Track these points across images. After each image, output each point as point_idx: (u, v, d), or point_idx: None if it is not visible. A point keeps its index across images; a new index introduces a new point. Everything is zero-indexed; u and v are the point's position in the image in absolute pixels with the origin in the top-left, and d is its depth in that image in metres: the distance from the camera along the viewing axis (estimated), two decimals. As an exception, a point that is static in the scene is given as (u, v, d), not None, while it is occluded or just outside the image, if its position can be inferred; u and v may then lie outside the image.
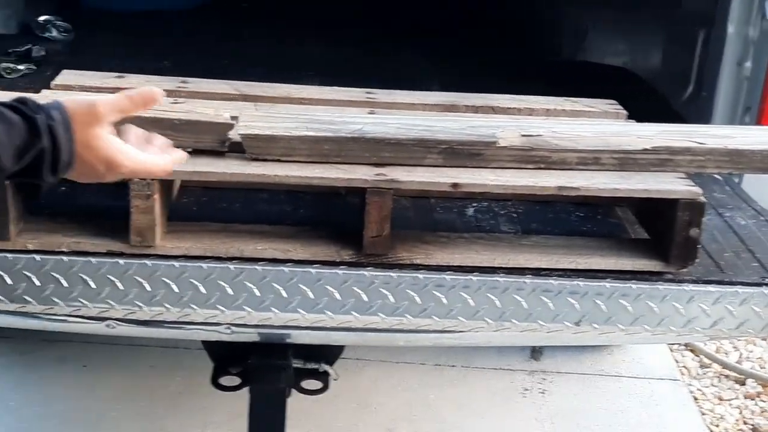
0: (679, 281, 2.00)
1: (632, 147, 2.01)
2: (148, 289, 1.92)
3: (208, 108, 2.06)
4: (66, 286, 1.90)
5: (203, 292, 1.93)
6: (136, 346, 3.32)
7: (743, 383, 3.56)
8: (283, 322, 1.96)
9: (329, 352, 2.33)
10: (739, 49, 2.62)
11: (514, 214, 2.25)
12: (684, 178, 2.03)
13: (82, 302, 1.92)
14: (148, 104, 1.47)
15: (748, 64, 2.61)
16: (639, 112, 2.43)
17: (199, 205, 2.17)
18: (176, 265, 1.92)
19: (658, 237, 2.07)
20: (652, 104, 2.92)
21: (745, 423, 3.34)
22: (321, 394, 2.36)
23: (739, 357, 3.72)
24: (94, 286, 1.91)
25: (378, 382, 3.32)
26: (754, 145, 2.01)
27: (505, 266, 1.99)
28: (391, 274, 1.94)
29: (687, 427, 3.27)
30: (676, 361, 3.64)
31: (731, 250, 2.16)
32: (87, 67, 2.49)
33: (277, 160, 1.95)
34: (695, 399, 3.43)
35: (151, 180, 1.86)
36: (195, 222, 2.05)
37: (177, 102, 2.18)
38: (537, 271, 1.99)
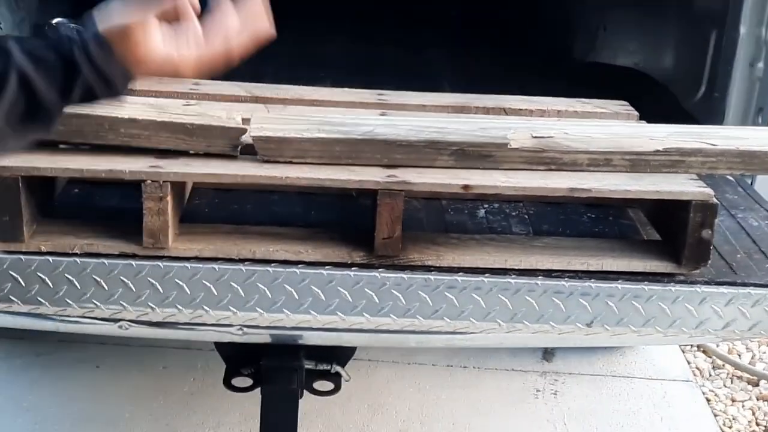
0: (692, 282, 2.00)
1: (644, 148, 2.01)
2: (161, 291, 1.93)
3: (220, 110, 2.07)
4: (79, 287, 1.91)
5: (215, 293, 1.93)
6: (149, 347, 3.34)
7: (756, 384, 3.54)
8: (295, 324, 1.97)
9: (341, 354, 2.33)
10: (752, 50, 2.61)
11: (526, 216, 2.25)
12: (696, 179, 2.02)
13: (95, 304, 1.93)
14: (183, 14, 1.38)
15: (760, 65, 2.60)
16: (651, 114, 2.43)
17: (211, 206, 2.18)
18: (188, 266, 1.93)
19: (670, 238, 2.07)
20: (664, 105, 2.91)
21: (758, 424, 3.33)
22: (333, 395, 2.37)
23: (752, 358, 3.71)
24: (106, 288, 1.92)
25: (390, 383, 3.32)
26: (767, 147, 2.00)
27: (516, 268, 1.99)
28: (403, 276, 1.95)
29: (699, 428, 3.26)
30: (689, 363, 3.63)
31: (744, 251, 2.15)
32: (100, 69, 2.49)
33: (289, 162, 1.96)
34: (708, 400, 3.41)
35: (163, 182, 1.87)
36: (207, 224, 2.05)
37: (189, 104, 2.18)
38: (549, 273, 1.99)
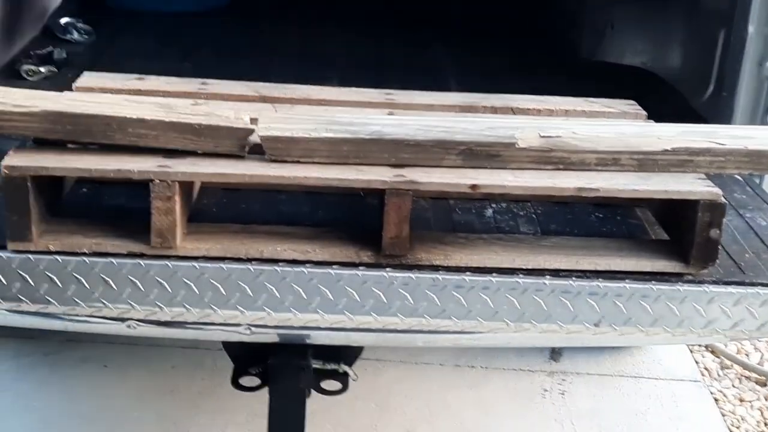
0: (700, 282, 2.00)
1: (652, 148, 2.01)
2: (169, 290, 1.93)
3: (228, 110, 2.07)
4: (87, 287, 1.92)
5: (223, 292, 1.94)
6: (156, 347, 3.34)
7: (765, 384, 3.54)
8: (303, 323, 1.97)
9: (348, 353, 2.33)
10: (760, 49, 2.61)
11: (534, 215, 2.24)
12: (704, 179, 2.02)
13: (104, 303, 1.93)
14: None
15: (768, 64, 2.60)
16: (659, 113, 2.43)
17: (219, 206, 2.19)
18: (196, 266, 1.93)
19: (678, 238, 2.07)
20: (672, 105, 2.91)
21: (766, 425, 3.32)
22: (340, 395, 2.37)
23: (761, 358, 3.70)
24: (115, 287, 1.92)
25: (397, 383, 3.33)
26: (775, 146, 2.00)
27: (524, 267, 1.99)
28: (411, 275, 1.95)
29: (707, 428, 3.26)
30: (697, 363, 3.62)
31: (752, 250, 2.15)
32: (108, 69, 2.50)
33: (297, 162, 1.96)
34: (716, 400, 3.41)
35: (172, 182, 1.87)
36: (215, 223, 2.06)
37: (197, 104, 2.19)
38: (556, 272, 1.99)
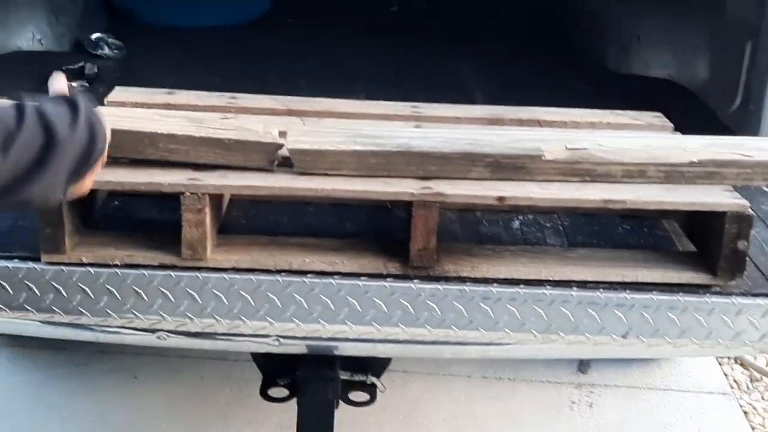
0: (727, 294, 1.99)
1: (678, 160, 2.01)
2: (199, 302, 1.95)
3: (257, 124, 2.09)
4: (119, 298, 1.95)
5: (252, 304, 1.96)
6: (185, 358, 3.37)
7: (795, 397, 3.52)
8: (331, 334, 1.99)
9: (376, 364, 2.34)
10: (787, 61, 2.60)
11: (560, 227, 2.25)
12: (731, 190, 2.02)
13: (135, 314, 1.96)
14: None
15: (796, 76, 2.59)
16: (686, 125, 2.43)
17: (248, 218, 2.21)
18: (226, 277, 1.95)
19: (706, 249, 2.06)
20: (699, 117, 2.90)
21: (796, 437, 3.30)
22: (368, 406, 2.38)
23: (790, 371, 3.68)
24: (146, 299, 1.95)
25: (425, 395, 3.33)
26: (803, 157, 2.00)
27: (551, 279, 2.00)
28: (438, 287, 1.96)
29: (737, 441, 3.24)
30: (726, 375, 3.60)
31: (780, 262, 2.14)
32: (139, 83, 2.53)
33: (325, 174, 1.98)
34: (745, 413, 3.39)
35: (202, 194, 1.90)
36: (244, 235, 2.08)
37: (226, 118, 2.21)
38: (583, 284, 1.99)
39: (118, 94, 2.42)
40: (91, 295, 1.94)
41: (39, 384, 3.29)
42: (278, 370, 2.33)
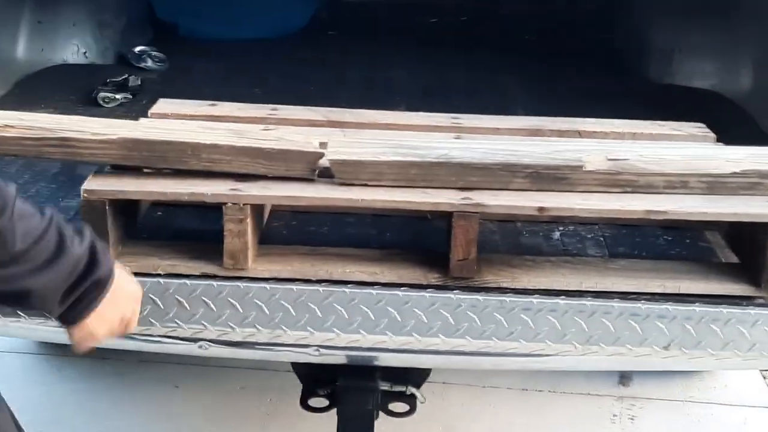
0: (771, 306, 1.97)
1: (721, 170, 2.00)
2: (241, 311, 1.97)
3: (298, 135, 2.11)
4: (162, 307, 1.97)
5: (293, 313, 1.97)
6: (226, 368, 3.39)
7: (840, 412, 3.46)
8: (371, 344, 1.99)
9: (416, 375, 2.34)
10: (832, 71, 2.57)
11: (601, 238, 2.24)
12: (775, 201, 2.00)
13: (177, 323, 1.98)
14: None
15: (840, 86, 2.56)
16: (728, 136, 2.41)
17: (289, 228, 2.22)
18: (267, 287, 1.97)
19: (749, 261, 2.04)
20: (742, 127, 2.88)
21: (841, 453, 3.25)
22: (408, 417, 2.38)
23: (836, 385, 3.62)
24: (188, 308, 1.97)
25: (464, 406, 3.32)
26: None
27: (592, 290, 1.99)
28: (478, 297, 1.96)
29: (781, 456, 3.20)
30: (770, 388, 3.56)
31: (825, 274, 2.11)
32: (181, 95, 2.57)
33: (365, 185, 1.99)
34: (789, 427, 3.35)
35: (244, 205, 1.92)
36: (285, 245, 2.09)
37: (268, 129, 2.23)
38: (625, 295, 1.98)
39: (162, 106, 2.45)
40: (135, 305, 1.96)
41: (83, 393, 3.32)
42: (318, 380, 2.34)
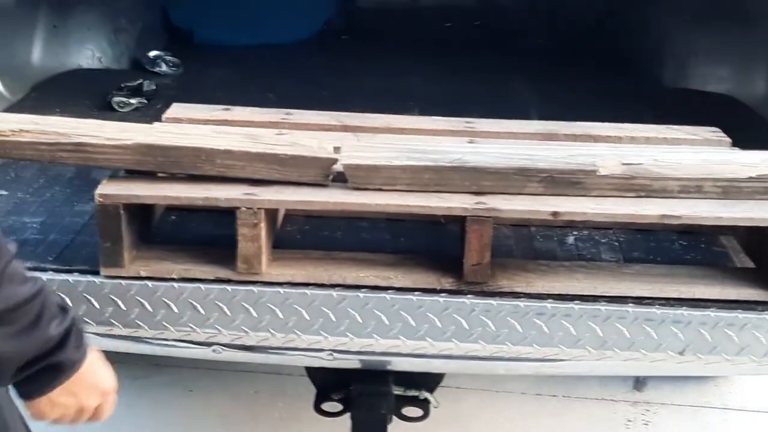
0: (787, 311, 1.96)
1: (736, 175, 1.99)
2: (255, 315, 1.97)
3: (311, 139, 2.11)
4: (176, 311, 1.97)
5: (307, 318, 1.97)
6: (239, 372, 3.39)
7: None
8: (385, 349, 1.99)
9: (430, 380, 2.34)
10: None
11: (616, 243, 2.23)
12: (791, 205, 1.99)
13: (191, 327, 1.98)
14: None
15: None
16: (744, 140, 2.39)
17: (303, 233, 2.22)
18: (281, 291, 1.97)
19: (764, 265, 2.03)
20: (757, 131, 2.86)
21: None
22: (421, 422, 2.38)
23: None
24: (202, 312, 1.97)
25: (478, 411, 3.31)
26: None
27: (606, 294, 1.98)
28: (492, 302, 1.96)
29: (798, 462, 3.18)
30: (786, 394, 3.54)
31: (841, 279, 2.10)
32: (195, 100, 2.57)
33: (379, 189, 1.99)
34: (807, 434, 3.33)
35: (258, 209, 1.92)
36: (299, 250, 2.10)
37: (281, 133, 2.23)
38: (639, 300, 1.98)
39: (176, 110, 2.46)
40: (149, 309, 1.97)
41: (97, 396, 3.33)
42: (332, 385, 2.34)
